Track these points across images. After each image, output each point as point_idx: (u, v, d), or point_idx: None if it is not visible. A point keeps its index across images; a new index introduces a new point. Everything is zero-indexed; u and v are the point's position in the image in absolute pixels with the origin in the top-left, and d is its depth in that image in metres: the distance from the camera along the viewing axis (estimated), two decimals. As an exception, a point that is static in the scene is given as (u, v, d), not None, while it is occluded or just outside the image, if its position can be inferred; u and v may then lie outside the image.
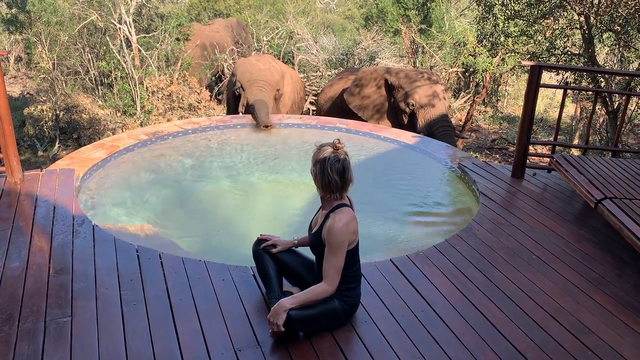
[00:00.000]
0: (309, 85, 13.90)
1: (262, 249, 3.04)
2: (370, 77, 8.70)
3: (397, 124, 8.51)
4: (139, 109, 11.80)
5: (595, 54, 9.45)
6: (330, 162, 2.63)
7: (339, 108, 9.23)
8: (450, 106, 13.69)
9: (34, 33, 14.27)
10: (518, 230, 4.22)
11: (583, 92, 11.27)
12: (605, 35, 9.54)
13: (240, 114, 8.06)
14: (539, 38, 10.09)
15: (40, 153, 11.00)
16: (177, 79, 12.38)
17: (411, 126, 8.26)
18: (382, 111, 8.58)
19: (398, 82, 8.35)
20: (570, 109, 15.37)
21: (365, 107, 8.63)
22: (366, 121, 8.44)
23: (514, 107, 17.05)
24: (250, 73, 8.19)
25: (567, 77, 9.90)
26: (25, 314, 2.84)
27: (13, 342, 2.61)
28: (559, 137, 5.72)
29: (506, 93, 17.45)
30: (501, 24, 10.48)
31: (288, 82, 8.92)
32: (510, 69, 13.23)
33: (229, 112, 9.27)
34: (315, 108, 13.70)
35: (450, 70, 14.51)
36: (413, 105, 8.11)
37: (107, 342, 2.66)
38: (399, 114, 8.44)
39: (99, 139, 9.72)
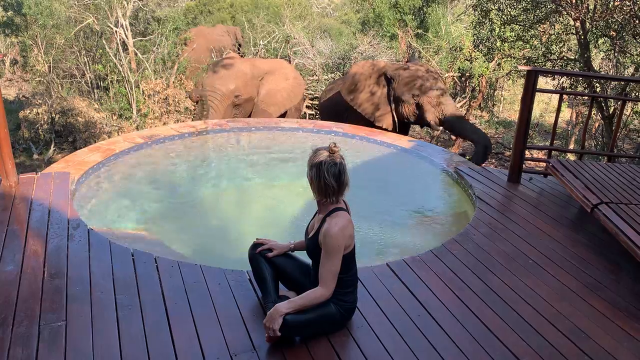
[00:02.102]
0: (305, 89, 13.90)
1: (258, 253, 3.03)
2: (366, 72, 8.62)
3: (397, 115, 8.51)
4: (135, 112, 11.78)
5: (591, 59, 9.49)
6: (326, 166, 2.62)
7: (336, 111, 9.22)
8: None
9: (30, 36, 14.25)
10: (514, 234, 4.22)
11: (579, 97, 11.31)
12: (600, 41, 9.59)
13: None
14: (535, 43, 10.14)
15: (35, 156, 10.96)
16: (173, 82, 12.37)
17: (417, 117, 8.30)
18: (382, 104, 8.49)
19: (397, 74, 8.30)
20: (566, 114, 15.43)
21: (363, 102, 8.53)
22: (366, 117, 8.40)
23: (510, 111, 17.12)
24: (208, 80, 8.54)
25: (563, 82, 9.94)
26: (19, 318, 2.82)
27: (7, 347, 2.59)
28: (554, 141, 5.73)
29: (502, 98, 17.52)
30: (497, 29, 10.52)
31: (272, 80, 8.82)
32: (507, 74, 13.29)
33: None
34: (312, 112, 13.72)
35: (447, 75, 14.54)
36: (418, 96, 8.08)
37: (101, 346, 2.64)
38: (400, 105, 8.39)
39: (95, 142, 9.69)
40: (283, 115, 9.07)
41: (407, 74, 8.22)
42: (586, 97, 10.42)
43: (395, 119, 8.48)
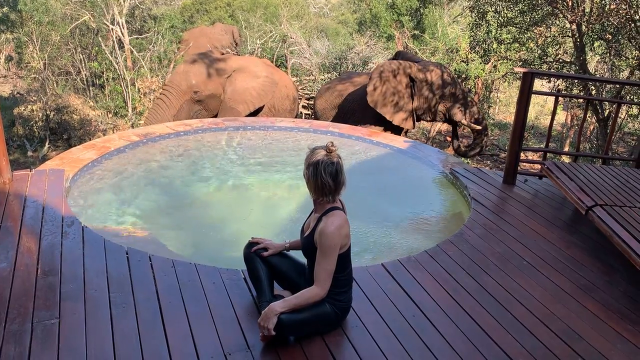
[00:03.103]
0: (301, 89, 13.90)
1: (253, 252, 3.02)
2: (391, 73, 8.60)
3: (422, 117, 8.85)
4: (130, 110, 11.75)
5: (587, 62, 9.53)
6: (323, 165, 2.62)
7: (339, 114, 9.23)
8: None
9: (25, 32, 14.19)
10: (509, 236, 4.23)
11: (574, 99, 11.36)
12: (596, 44, 9.65)
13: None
14: (531, 45, 10.18)
15: (29, 153, 10.91)
16: (169, 80, 12.32)
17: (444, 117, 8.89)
18: (405, 106, 8.55)
19: (423, 77, 8.46)
20: (561, 116, 15.49)
21: (389, 102, 8.52)
22: (388, 119, 8.45)
23: (505, 113, 17.18)
24: (171, 75, 8.74)
25: (558, 85, 9.98)
26: (12, 315, 2.80)
27: (-1, 344, 2.58)
28: (549, 144, 5.75)
29: (498, 100, 17.57)
30: (494, 31, 10.55)
31: (241, 78, 8.73)
32: (502, 76, 13.33)
33: None
34: (308, 112, 13.71)
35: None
36: (446, 98, 8.59)
37: (95, 344, 2.63)
38: (427, 108, 8.68)
39: (90, 139, 9.67)
40: (255, 114, 8.93)
41: (433, 78, 8.38)
42: (581, 100, 10.46)
43: (415, 120, 8.68)
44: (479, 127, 8.75)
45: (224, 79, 8.61)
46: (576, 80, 9.31)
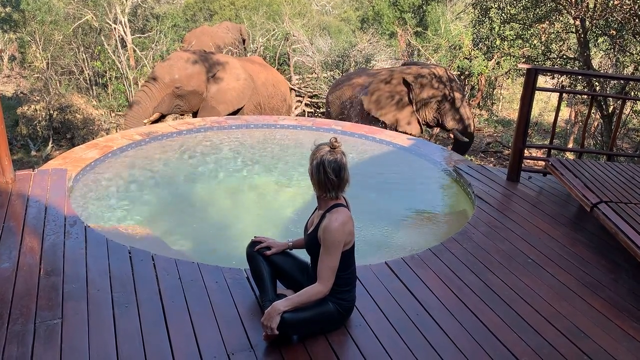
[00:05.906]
0: (304, 86, 13.87)
1: (256, 251, 3.01)
2: (386, 80, 8.67)
3: (420, 119, 8.85)
4: (133, 109, 11.69)
5: (591, 58, 9.48)
6: (327, 161, 2.60)
7: (345, 114, 9.23)
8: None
9: (28, 32, 14.20)
10: (513, 233, 4.20)
11: (578, 96, 11.30)
12: (600, 40, 9.58)
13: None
14: (535, 42, 10.12)
15: (33, 153, 10.93)
16: (172, 79, 12.31)
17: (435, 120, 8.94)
18: (405, 111, 8.59)
19: (417, 80, 8.46)
20: (565, 112, 15.42)
21: (384, 105, 8.58)
22: (385, 123, 8.46)
23: (509, 110, 17.11)
24: (155, 68, 8.62)
25: (562, 81, 9.93)
26: (14, 315, 2.80)
27: (2, 344, 2.57)
28: (554, 140, 5.71)
29: (501, 96, 17.51)
30: (497, 28, 10.50)
31: (225, 79, 8.70)
32: (506, 73, 13.28)
33: None
34: (311, 110, 13.69)
35: (446, 73, 14.52)
36: (440, 102, 8.62)
37: (97, 344, 2.62)
38: (422, 110, 8.65)
39: (93, 139, 9.67)
40: (234, 114, 8.97)
41: (426, 80, 8.37)
42: (585, 96, 10.41)
43: (421, 123, 8.71)
44: (464, 140, 8.83)
45: (208, 77, 8.63)
46: (580, 77, 9.27)
